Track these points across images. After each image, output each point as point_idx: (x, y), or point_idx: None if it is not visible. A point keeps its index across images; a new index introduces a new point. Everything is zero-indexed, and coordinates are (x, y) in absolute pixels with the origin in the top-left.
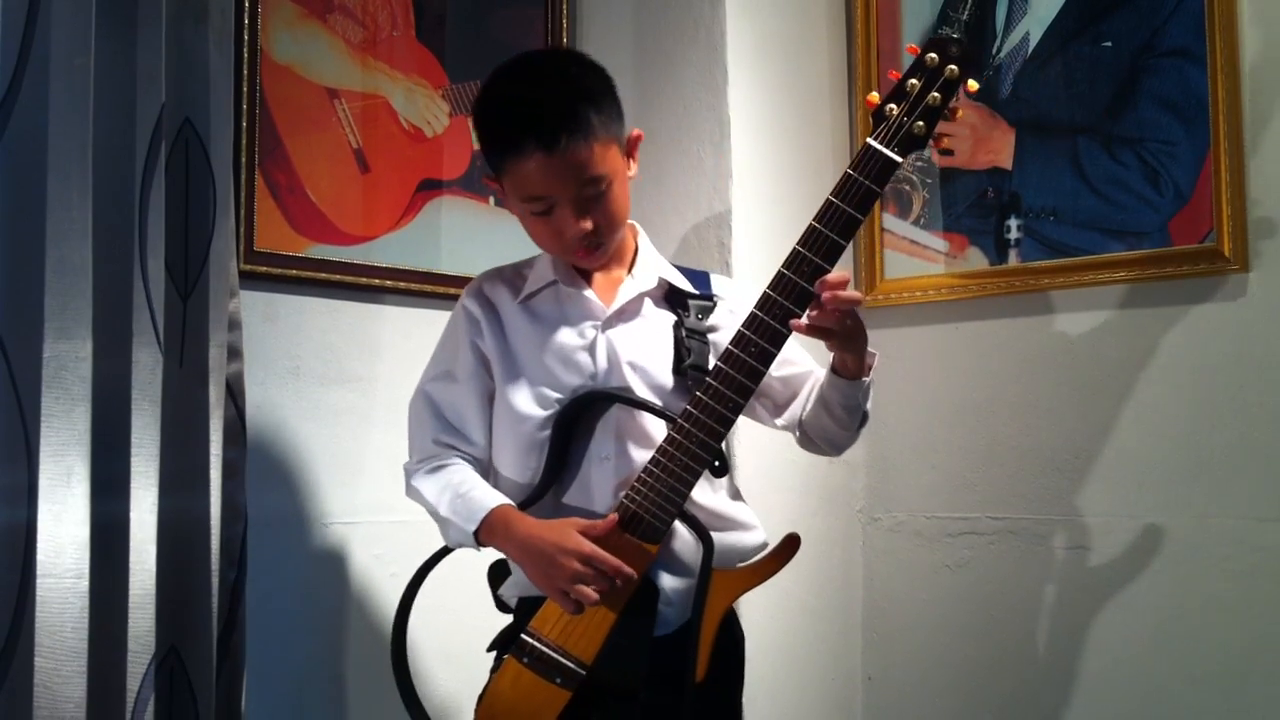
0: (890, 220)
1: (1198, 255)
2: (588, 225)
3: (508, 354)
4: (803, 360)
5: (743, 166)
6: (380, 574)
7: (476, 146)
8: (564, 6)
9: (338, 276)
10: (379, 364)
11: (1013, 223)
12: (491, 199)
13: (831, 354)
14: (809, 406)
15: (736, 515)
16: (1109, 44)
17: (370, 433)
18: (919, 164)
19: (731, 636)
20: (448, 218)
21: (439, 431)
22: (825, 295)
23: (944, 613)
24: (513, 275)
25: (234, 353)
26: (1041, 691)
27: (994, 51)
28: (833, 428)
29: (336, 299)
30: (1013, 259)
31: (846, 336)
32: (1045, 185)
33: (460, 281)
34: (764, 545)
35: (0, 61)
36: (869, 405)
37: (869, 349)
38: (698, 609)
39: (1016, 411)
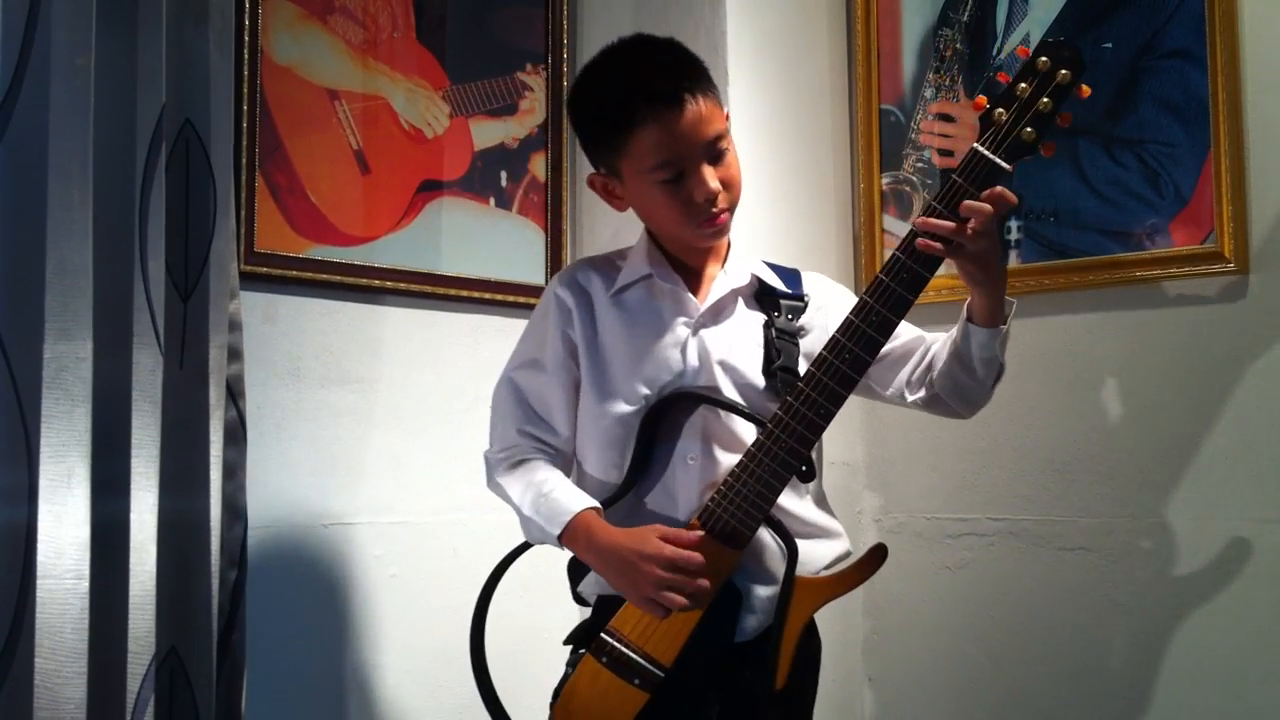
0: (890, 221)
1: (1198, 257)
2: (718, 185)
3: (597, 346)
4: (906, 333)
5: (743, 168)
6: (380, 575)
7: (478, 147)
8: (564, 7)
9: (338, 278)
10: (379, 365)
11: (1013, 224)
12: (492, 200)
13: (967, 301)
14: (940, 366)
15: (821, 522)
16: (1109, 45)
17: (370, 434)
18: (919, 165)
19: (810, 646)
20: (448, 219)
21: (523, 421)
22: (980, 202)
23: (944, 613)
24: (605, 265)
25: (234, 354)
26: (1041, 692)
27: (994, 53)
28: (968, 383)
29: (337, 300)
30: (1013, 260)
31: (983, 263)
32: (1045, 187)
33: (460, 282)
34: (847, 553)
35: (1, 62)
36: (1004, 357)
37: (1007, 298)
38: (780, 616)
39: (1016, 413)
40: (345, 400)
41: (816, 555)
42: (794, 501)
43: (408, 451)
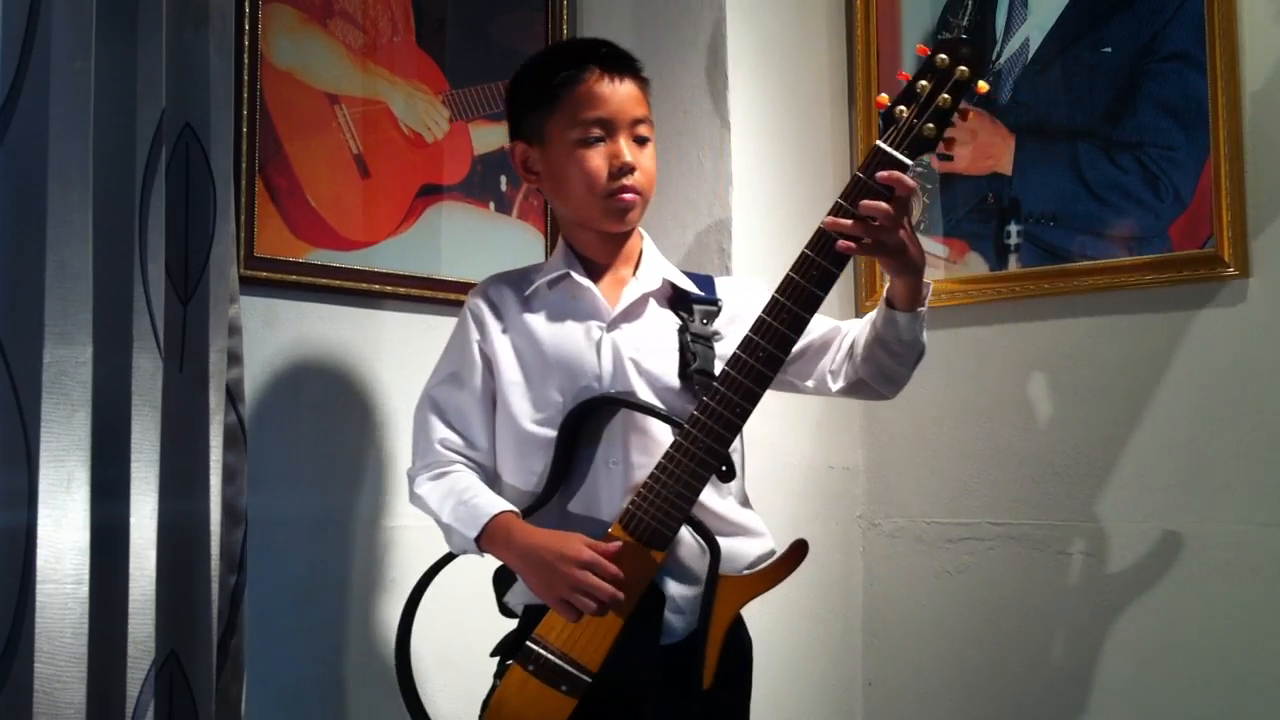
0: None
1: (1198, 260)
2: (633, 159)
3: (510, 355)
4: (821, 325)
5: (743, 171)
6: (380, 579)
7: (478, 151)
8: (564, 11)
9: (338, 282)
10: (379, 369)
11: (1012, 228)
12: (492, 204)
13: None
14: (861, 352)
15: (744, 521)
16: (1109, 49)
17: (370, 438)
18: (919, 169)
19: (739, 643)
20: (448, 223)
21: (443, 435)
22: (881, 176)
23: (944, 618)
24: (518, 277)
25: (234, 358)
26: (1042, 697)
27: (994, 57)
28: (892, 366)
29: (336, 304)
30: (1012, 264)
31: (896, 253)
32: (1045, 190)
33: (460, 287)
34: (771, 553)
35: (0, 66)
36: (925, 337)
37: (924, 280)
38: (704, 615)
39: (1017, 417)
40: (345, 404)
41: (740, 554)
42: (716, 501)
43: (407, 455)
